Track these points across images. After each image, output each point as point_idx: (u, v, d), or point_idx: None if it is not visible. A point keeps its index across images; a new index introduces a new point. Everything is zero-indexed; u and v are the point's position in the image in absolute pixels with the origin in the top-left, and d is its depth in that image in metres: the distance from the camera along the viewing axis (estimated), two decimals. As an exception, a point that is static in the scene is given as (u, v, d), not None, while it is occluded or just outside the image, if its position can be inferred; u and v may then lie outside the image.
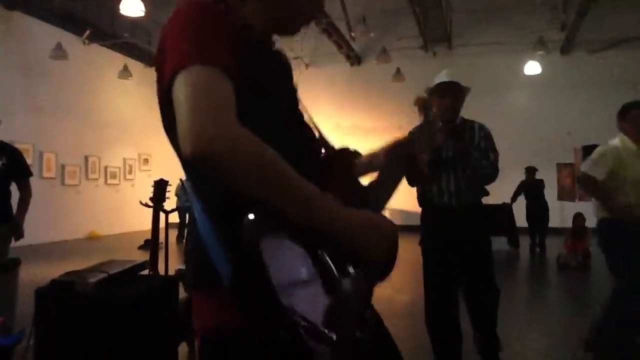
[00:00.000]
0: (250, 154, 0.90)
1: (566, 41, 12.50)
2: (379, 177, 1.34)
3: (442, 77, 3.30)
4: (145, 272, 3.15)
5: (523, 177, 10.39)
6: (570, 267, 8.08)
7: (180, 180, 11.46)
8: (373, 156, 1.43)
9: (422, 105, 1.60)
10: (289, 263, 0.93)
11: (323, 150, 1.30)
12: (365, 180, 1.34)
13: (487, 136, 3.30)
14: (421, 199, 3.33)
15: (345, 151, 1.32)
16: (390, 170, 1.37)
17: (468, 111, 3.39)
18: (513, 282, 7.33)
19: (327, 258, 0.98)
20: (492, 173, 3.22)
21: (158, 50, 1.07)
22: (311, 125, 1.28)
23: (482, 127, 3.33)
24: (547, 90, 12.64)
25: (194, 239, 1.07)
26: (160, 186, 3.56)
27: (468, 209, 3.21)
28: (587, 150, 8.89)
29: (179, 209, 10.13)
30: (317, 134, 1.28)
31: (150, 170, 14.39)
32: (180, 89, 0.93)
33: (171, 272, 3.65)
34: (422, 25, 12.04)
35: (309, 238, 0.96)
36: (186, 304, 3.25)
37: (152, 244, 3.43)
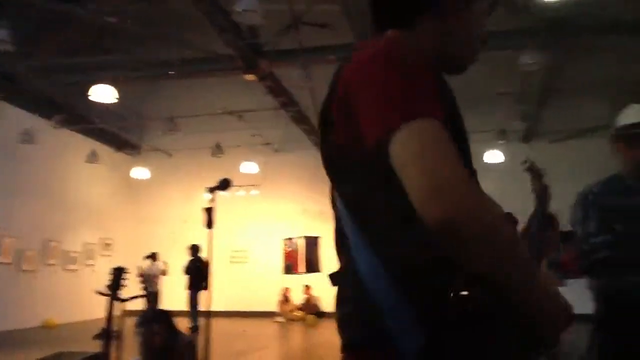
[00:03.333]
0: (491, 225, 0.84)
1: (528, 130, 13.00)
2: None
3: (636, 114, 2.34)
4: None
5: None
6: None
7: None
8: None
9: (533, 169, 1.50)
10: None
11: None
12: None
13: None
14: (605, 289, 2.35)
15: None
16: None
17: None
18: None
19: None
20: None
21: (335, 106, 1.01)
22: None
23: None
24: (510, 178, 12.94)
25: (358, 291, 0.97)
26: (117, 274, 3.40)
27: None
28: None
29: (147, 295, 9.77)
30: None
31: (111, 255, 13.98)
32: (405, 148, 0.85)
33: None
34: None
35: (508, 315, 0.91)
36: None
37: (105, 335, 3.22)
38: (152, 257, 11.81)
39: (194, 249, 10.90)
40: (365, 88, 0.94)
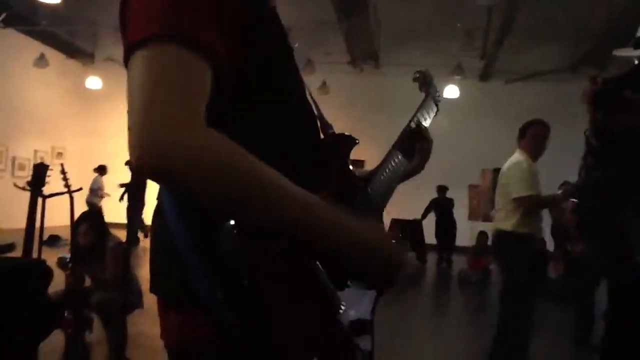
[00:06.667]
0: (218, 166, 0.71)
1: (485, 69, 13.11)
2: (379, 167, 1.16)
3: None
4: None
5: (434, 195, 10.73)
6: (470, 282, 8.41)
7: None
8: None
9: (423, 79, 1.41)
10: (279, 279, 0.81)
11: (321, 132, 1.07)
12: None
13: None
14: None
15: (342, 137, 1.07)
16: (393, 162, 1.18)
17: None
18: (417, 295, 7.62)
19: (322, 271, 0.86)
20: None
21: None
22: (310, 99, 1.05)
23: None
24: (464, 114, 13.18)
25: (163, 239, 0.90)
26: (40, 170, 3.45)
27: None
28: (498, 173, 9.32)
29: (91, 205, 9.88)
30: (315, 110, 1.06)
31: (64, 164, 13.81)
32: (137, 70, 0.73)
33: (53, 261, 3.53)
34: (349, 41, 12.29)
35: (298, 250, 0.82)
36: (62, 296, 3.18)
37: (27, 230, 3.30)
38: (100, 169, 11.57)
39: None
40: None
